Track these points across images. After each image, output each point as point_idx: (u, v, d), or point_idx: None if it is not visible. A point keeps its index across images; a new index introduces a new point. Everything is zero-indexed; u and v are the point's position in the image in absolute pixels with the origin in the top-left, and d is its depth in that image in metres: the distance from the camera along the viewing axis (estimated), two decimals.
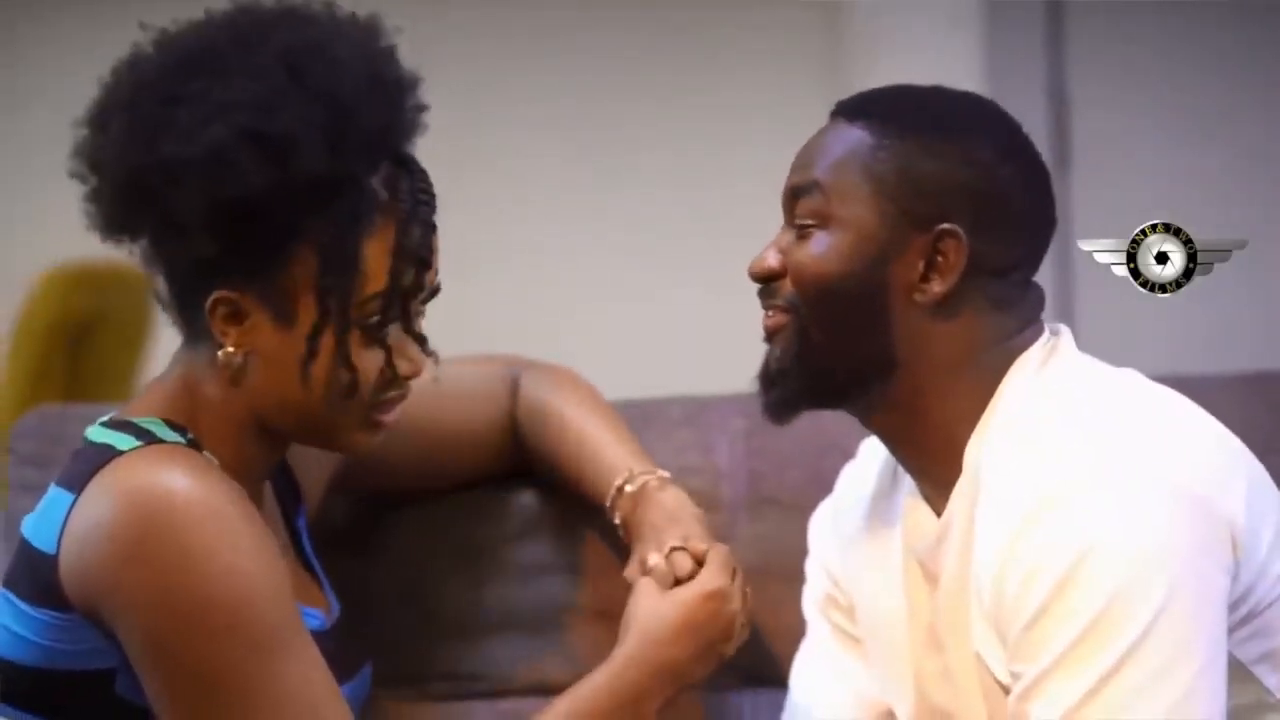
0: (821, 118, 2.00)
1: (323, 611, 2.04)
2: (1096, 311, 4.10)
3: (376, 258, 1.90)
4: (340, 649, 2.00)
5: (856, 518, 2.09)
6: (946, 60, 4.08)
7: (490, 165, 4.07)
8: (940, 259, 1.90)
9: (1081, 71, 4.23)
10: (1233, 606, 1.84)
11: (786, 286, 1.94)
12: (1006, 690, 1.87)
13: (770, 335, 1.96)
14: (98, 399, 3.76)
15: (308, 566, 2.10)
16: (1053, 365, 1.94)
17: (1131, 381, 1.96)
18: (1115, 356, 2.07)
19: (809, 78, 4.18)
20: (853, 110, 1.96)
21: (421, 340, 1.97)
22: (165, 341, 4.19)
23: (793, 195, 1.95)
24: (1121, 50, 4.23)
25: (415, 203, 1.92)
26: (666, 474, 2.15)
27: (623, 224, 4.12)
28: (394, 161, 1.92)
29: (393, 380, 1.95)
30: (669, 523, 2.08)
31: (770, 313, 1.96)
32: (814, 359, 1.94)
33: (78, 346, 4.02)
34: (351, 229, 1.89)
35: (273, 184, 1.85)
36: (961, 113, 1.96)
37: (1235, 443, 1.92)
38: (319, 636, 1.94)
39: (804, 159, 1.96)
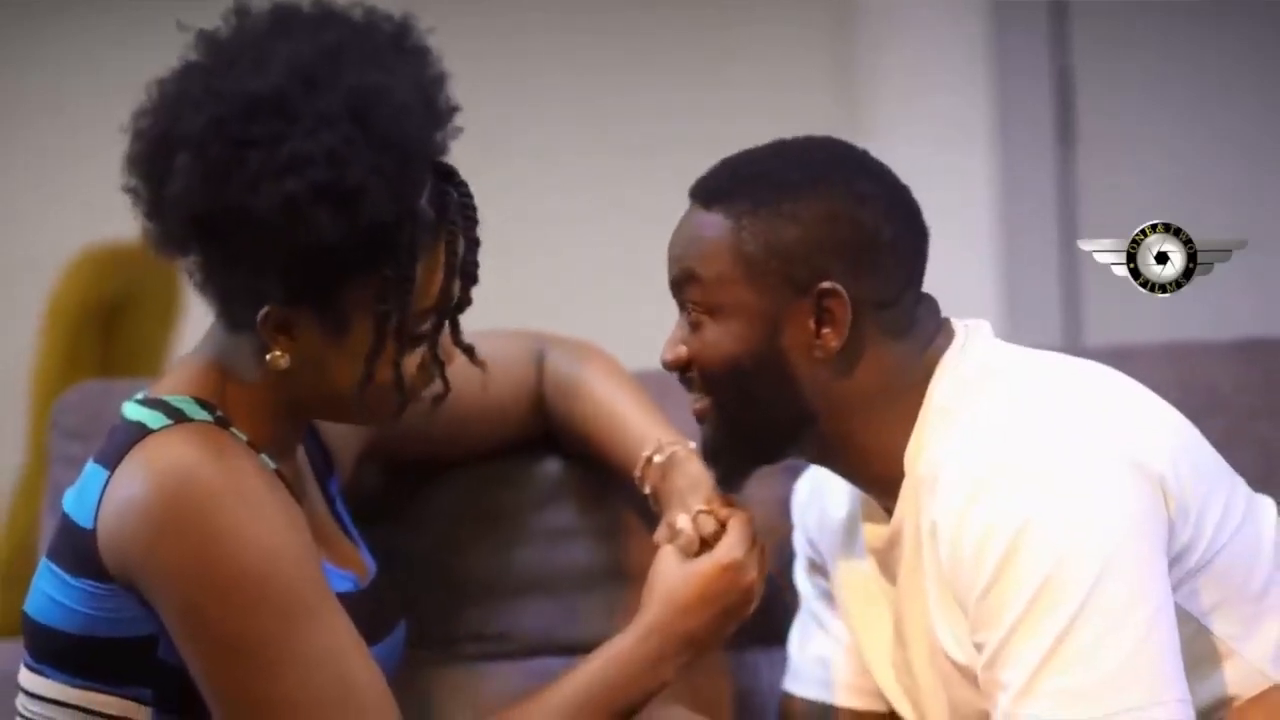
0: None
1: (357, 574, 2.06)
2: (1099, 310, 4.12)
3: (427, 275, 1.92)
4: (375, 610, 2.04)
5: (836, 501, 2.13)
6: (953, 59, 4.08)
7: (506, 150, 4.07)
8: (827, 314, 1.93)
9: (1086, 70, 4.19)
10: (1180, 559, 1.89)
11: (697, 372, 1.98)
12: (965, 674, 1.93)
13: (700, 419, 2.01)
14: (131, 377, 3.76)
15: (344, 530, 2.12)
16: (969, 358, 1.96)
17: (1049, 357, 2.00)
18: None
19: (819, 64, 4.15)
20: (707, 196, 1.97)
21: (469, 351, 2.02)
22: (196, 319, 4.19)
23: (675, 288, 1.99)
24: (1126, 48, 4.17)
25: (463, 220, 1.94)
26: (693, 444, 2.15)
27: (638, 205, 4.15)
28: (436, 174, 1.94)
29: (431, 377, 1.98)
30: (694, 489, 2.10)
31: (694, 398, 2.00)
32: (739, 432, 1.99)
33: (110, 326, 4.00)
34: (410, 259, 1.90)
35: (343, 234, 1.86)
36: (807, 168, 1.96)
37: (1160, 404, 1.96)
38: (353, 598, 1.98)
39: (675, 253, 1.98)
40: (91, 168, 4.28)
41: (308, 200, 1.84)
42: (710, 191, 1.98)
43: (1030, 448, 1.87)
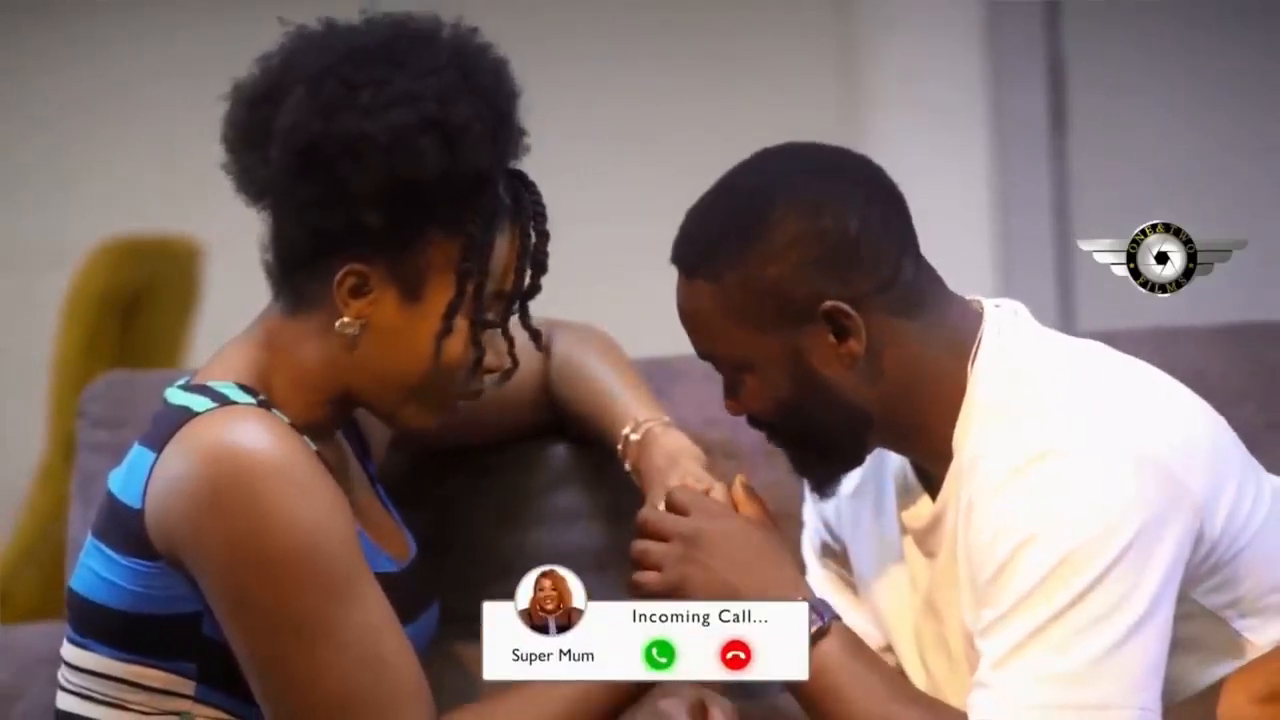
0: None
1: (398, 555, 2.11)
2: (1094, 301, 4.17)
3: (504, 258, 1.99)
4: (412, 590, 2.09)
5: (855, 476, 2.16)
6: (948, 54, 4.11)
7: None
8: (841, 328, 1.97)
9: (1079, 65, 4.21)
10: (1203, 559, 1.94)
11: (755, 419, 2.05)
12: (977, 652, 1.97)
13: (781, 447, 2.07)
14: (147, 367, 3.79)
15: (387, 512, 2.17)
16: (1016, 343, 2.00)
17: (1095, 351, 2.03)
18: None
19: (817, 61, 4.17)
20: (685, 266, 2.01)
21: (536, 336, 2.07)
22: (213, 311, 4.25)
23: (702, 358, 2.04)
24: (1118, 43, 4.20)
25: (535, 213, 2.01)
26: (668, 419, 2.22)
27: (645, 195, 4.21)
28: (509, 174, 2.01)
29: (487, 370, 2.03)
30: (670, 465, 2.15)
31: (766, 434, 2.07)
32: (814, 452, 2.05)
33: (128, 317, 4.04)
34: (492, 221, 1.96)
35: (444, 170, 1.93)
36: (756, 201, 1.98)
37: (1199, 405, 2.00)
38: (394, 578, 2.03)
39: (686, 328, 2.03)
40: (112, 161, 4.37)
41: (416, 130, 1.91)
42: (687, 262, 2.01)
43: (1064, 444, 1.91)
